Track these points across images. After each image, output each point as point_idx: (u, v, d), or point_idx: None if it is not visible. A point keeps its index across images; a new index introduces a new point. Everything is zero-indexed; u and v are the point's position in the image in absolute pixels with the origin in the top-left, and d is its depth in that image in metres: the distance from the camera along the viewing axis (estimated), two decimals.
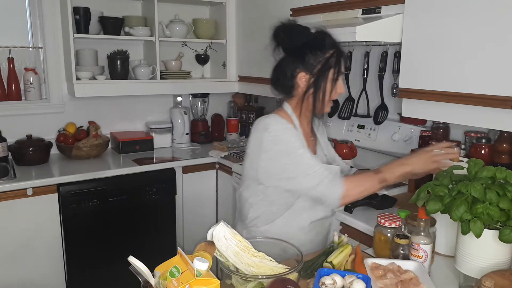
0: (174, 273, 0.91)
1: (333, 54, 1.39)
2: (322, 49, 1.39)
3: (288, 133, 1.38)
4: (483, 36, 1.44)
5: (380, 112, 2.26)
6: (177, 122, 3.08)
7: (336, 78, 1.41)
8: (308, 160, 1.37)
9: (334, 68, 1.40)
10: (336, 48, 1.40)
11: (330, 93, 1.41)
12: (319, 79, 1.39)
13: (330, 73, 1.40)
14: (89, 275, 2.46)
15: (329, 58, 1.39)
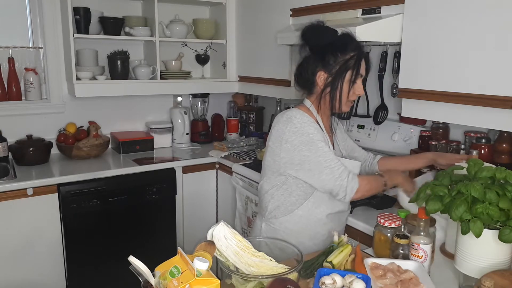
0: (174, 273, 0.91)
1: (353, 56, 1.45)
2: (343, 51, 1.45)
3: (311, 126, 1.45)
4: (483, 36, 1.44)
5: (380, 112, 2.26)
6: (177, 122, 3.08)
7: (354, 80, 1.46)
8: (328, 154, 1.43)
9: (352, 70, 1.45)
10: (357, 51, 1.46)
11: (347, 94, 1.47)
12: (336, 79, 1.46)
13: (348, 74, 1.45)
14: (89, 275, 2.46)
15: (348, 60, 1.45)
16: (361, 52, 1.47)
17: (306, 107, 1.53)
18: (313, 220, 1.52)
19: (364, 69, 1.49)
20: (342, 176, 1.43)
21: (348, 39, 1.47)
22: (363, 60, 1.48)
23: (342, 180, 1.42)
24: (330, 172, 1.42)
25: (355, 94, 1.49)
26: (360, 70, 1.47)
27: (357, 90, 1.49)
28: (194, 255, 1.01)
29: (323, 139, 1.46)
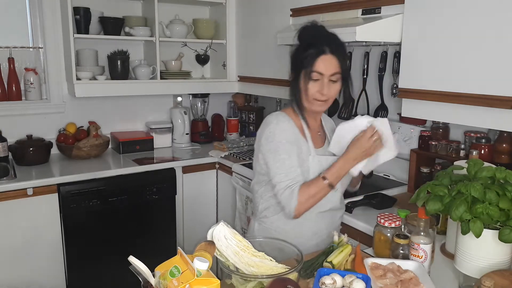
0: (174, 273, 0.91)
1: (310, 53, 1.39)
2: (303, 48, 1.42)
3: (284, 134, 1.44)
4: (483, 36, 1.44)
5: (380, 112, 2.26)
6: (177, 122, 3.08)
7: (308, 78, 1.41)
8: (285, 168, 1.41)
9: (306, 68, 1.40)
10: (315, 48, 1.39)
11: (305, 93, 1.43)
12: (294, 78, 1.45)
13: (303, 72, 1.42)
14: (89, 275, 2.46)
15: (306, 57, 1.40)
16: (319, 49, 1.39)
17: (291, 109, 1.52)
18: (301, 219, 1.46)
19: (325, 68, 1.39)
20: (282, 192, 1.41)
21: (304, 32, 1.43)
22: (322, 56, 1.39)
23: (281, 195, 1.42)
24: (277, 186, 1.42)
25: (309, 95, 1.43)
26: (314, 67, 1.39)
27: (310, 90, 1.42)
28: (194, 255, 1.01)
29: (290, 150, 1.42)
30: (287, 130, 1.45)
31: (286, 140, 1.44)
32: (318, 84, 1.41)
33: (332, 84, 1.42)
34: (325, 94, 1.41)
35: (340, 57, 1.41)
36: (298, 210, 1.41)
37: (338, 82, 1.44)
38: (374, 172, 2.28)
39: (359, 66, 2.38)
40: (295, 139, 1.46)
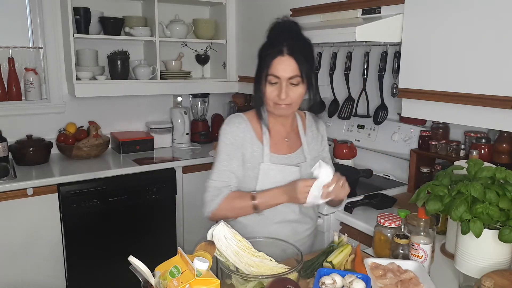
0: (174, 273, 0.91)
1: (268, 53, 1.34)
2: (263, 46, 1.38)
3: (228, 136, 1.42)
4: (483, 36, 1.44)
5: (380, 112, 2.26)
6: (177, 122, 3.08)
7: (266, 81, 1.35)
8: (221, 169, 1.42)
9: (264, 70, 1.35)
10: (270, 46, 1.34)
11: (266, 96, 1.37)
12: (256, 79, 1.39)
13: (263, 75, 1.35)
14: (89, 275, 2.46)
15: (263, 58, 1.36)
16: (276, 50, 1.31)
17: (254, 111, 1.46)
18: (259, 227, 1.42)
19: (282, 71, 1.31)
20: (209, 190, 1.42)
21: (273, 32, 1.37)
22: (279, 58, 1.31)
23: (206, 193, 1.42)
24: (207, 184, 1.43)
25: (269, 99, 1.36)
26: (270, 70, 1.32)
27: (268, 94, 1.35)
28: (194, 255, 1.01)
29: (241, 150, 1.40)
30: (234, 132, 1.41)
31: (231, 142, 1.41)
32: (276, 87, 1.34)
33: (293, 87, 1.34)
34: (283, 99, 1.33)
35: (300, 58, 1.32)
36: (215, 215, 1.40)
37: (301, 85, 1.35)
38: (374, 172, 2.29)
39: (359, 66, 2.38)
40: (242, 143, 1.41)
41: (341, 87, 2.49)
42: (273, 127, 1.47)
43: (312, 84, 1.39)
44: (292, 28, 1.38)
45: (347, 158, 2.41)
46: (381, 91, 2.25)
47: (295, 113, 1.52)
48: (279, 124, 1.47)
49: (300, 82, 1.34)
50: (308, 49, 1.38)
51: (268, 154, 1.43)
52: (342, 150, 2.41)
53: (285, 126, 1.49)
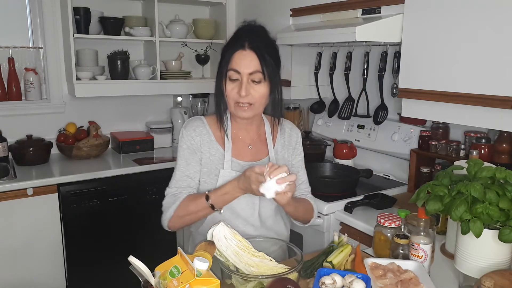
0: (174, 273, 0.91)
1: (227, 48, 1.30)
2: (225, 45, 1.33)
3: (184, 139, 1.37)
4: (483, 36, 1.44)
5: (380, 112, 2.26)
6: (177, 122, 3.08)
7: (225, 77, 1.29)
8: (178, 175, 1.38)
9: (224, 66, 1.29)
10: (231, 43, 1.30)
11: (226, 95, 1.30)
12: (217, 78, 1.33)
13: (223, 70, 1.29)
14: (89, 275, 2.46)
15: (224, 54, 1.30)
16: (238, 44, 1.27)
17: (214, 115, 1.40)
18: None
19: (242, 65, 1.25)
20: (166, 198, 1.40)
21: (237, 31, 1.32)
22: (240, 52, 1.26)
23: (164, 200, 1.41)
24: (166, 191, 1.42)
25: (229, 97, 1.29)
26: (230, 65, 1.26)
27: (228, 92, 1.28)
28: (194, 255, 1.01)
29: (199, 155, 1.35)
30: (190, 135, 1.36)
31: (187, 146, 1.36)
32: (237, 85, 1.28)
33: (255, 85, 1.27)
34: (243, 95, 1.26)
35: (262, 54, 1.26)
36: (172, 222, 1.37)
37: (263, 84, 1.28)
38: (374, 172, 2.29)
39: (359, 66, 2.38)
40: (199, 147, 1.36)
41: (341, 87, 2.49)
42: (236, 132, 1.40)
43: (277, 85, 1.32)
44: (256, 28, 1.34)
45: (347, 158, 2.41)
46: (381, 91, 2.25)
47: (262, 119, 1.45)
48: (242, 129, 1.40)
49: (262, 79, 1.27)
50: (272, 48, 1.32)
51: (230, 160, 1.36)
52: (342, 150, 2.41)
53: (249, 133, 1.41)
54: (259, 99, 1.30)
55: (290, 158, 1.48)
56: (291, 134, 1.48)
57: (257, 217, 1.38)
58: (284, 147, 1.46)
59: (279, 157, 1.43)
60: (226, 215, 1.35)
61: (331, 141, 2.55)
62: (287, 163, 1.45)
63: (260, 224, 1.39)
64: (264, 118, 1.46)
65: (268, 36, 1.34)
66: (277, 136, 1.45)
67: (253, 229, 1.38)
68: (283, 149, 1.45)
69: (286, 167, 1.18)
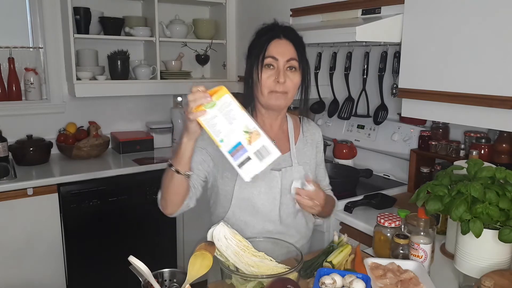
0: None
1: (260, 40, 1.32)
2: (254, 38, 1.34)
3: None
4: (483, 36, 1.44)
5: (379, 112, 2.26)
6: (177, 122, 3.08)
7: (262, 66, 1.29)
8: None
9: (259, 55, 1.29)
10: (264, 35, 1.31)
11: (260, 84, 1.29)
12: (247, 71, 1.34)
13: (256, 61, 1.30)
14: (90, 275, 2.46)
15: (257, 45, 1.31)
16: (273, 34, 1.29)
17: None
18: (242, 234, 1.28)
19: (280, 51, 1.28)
20: None
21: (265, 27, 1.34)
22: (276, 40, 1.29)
23: None
24: None
25: (264, 86, 1.29)
26: (267, 52, 1.27)
27: (264, 80, 1.28)
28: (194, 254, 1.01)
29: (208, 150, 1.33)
30: None
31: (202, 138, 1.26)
32: (273, 72, 1.29)
33: (290, 73, 1.29)
34: (281, 82, 1.27)
35: (297, 44, 1.31)
36: (161, 205, 1.34)
37: (297, 73, 1.31)
38: (374, 172, 2.29)
39: (359, 66, 2.38)
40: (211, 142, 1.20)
41: (341, 87, 2.49)
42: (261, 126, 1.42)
43: (307, 76, 1.35)
44: (287, 24, 1.38)
45: (347, 158, 2.42)
46: (381, 91, 2.25)
47: (286, 116, 1.46)
48: (267, 125, 1.41)
49: (297, 68, 1.30)
50: (303, 44, 1.35)
51: None
52: (342, 150, 2.42)
53: (273, 127, 1.42)
54: (293, 88, 1.31)
55: (314, 156, 1.49)
56: (314, 132, 1.51)
57: (277, 213, 1.37)
58: (306, 145, 1.47)
59: (300, 154, 1.44)
60: (245, 213, 1.36)
61: (331, 141, 2.55)
62: (309, 160, 1.46)
63: (280, 221, 1.38)
64: (288, 116, 1.48)
65: (298, 34, 1.37)
66: (299, 133, 1.47)
67: (272, 225, 1.37)
68: (305, 146, 1.46)
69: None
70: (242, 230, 1.34)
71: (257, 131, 1.07)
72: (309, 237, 1.51)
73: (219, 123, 1.05)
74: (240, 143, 1.06)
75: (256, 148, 1.07)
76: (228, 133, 1.06)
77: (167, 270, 1.12)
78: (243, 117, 1.06)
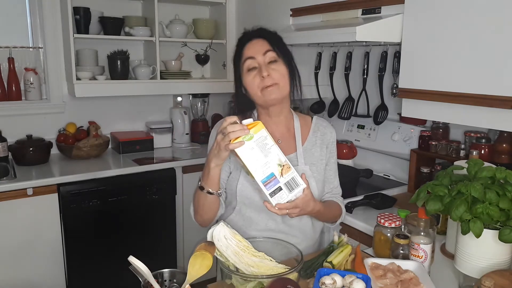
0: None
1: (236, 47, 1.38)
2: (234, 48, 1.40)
3: (211, 140, 1.42)
4: (483, 36, 1.44)
5: (380, 112, 2.26)
6: (177, 122, 3.08)
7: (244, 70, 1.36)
8: None
9: (239, 62, 1.37)
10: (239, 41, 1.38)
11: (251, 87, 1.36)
12: (235, 79, 1.43)
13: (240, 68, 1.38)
14: (89, 275, 2.46)
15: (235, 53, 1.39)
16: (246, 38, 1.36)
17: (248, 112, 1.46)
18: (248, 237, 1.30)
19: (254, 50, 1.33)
20: None
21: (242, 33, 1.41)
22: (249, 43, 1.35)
23: None
24: None
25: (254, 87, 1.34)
26: (244, 56, 1.35)
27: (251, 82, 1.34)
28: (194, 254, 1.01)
29: None
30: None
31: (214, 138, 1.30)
32: (257, 71, 1.33)
33: (272, 65, 1.32)
34: (265, 75, 1.30)
35: (270, 38, 1.35)
36: (197, 221, 1.37)
37: (279, 62, 1.33)
38: (374, 172, 2.29)
39: (359, 66, 2.38)
40: None
41: (341, 87, 2.49)
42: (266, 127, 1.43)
43: (294, 69, 1.37)
44: (257, 27, 1.42)
45: (347, 158, 2.42)
46: (381, 91, 2.25)
47: (292, 114, 1.47)
48: (271, 124, 1.41)
49: (276, 58, 1.33)
50: (279, 39, 1.38)
51: None
52: (342, 150, 2.41)
53: (278, 126, 1.43)
54: (282, 78, 1.33)
55: (324, 157, 1.46)
56: (325, 132, 1.48)
57: None
58: (315, 145, 1.45)
59: (308, 155, 1.43)
60: (249, 210, 1.38)
61: None
62: (316, 161, 1.44)
63: (282, 218, 1.38)
64: (294, 114, 1.48)
65: (274, 32, 1.41)
66: (309, 133, 1.46)
67: (275, 223, 1.38)
68: (314, 147, 1.45)
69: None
70: (247, 226, 1.38)
71: (288, 164, 1.16)
72: (316, 239, 1.50)
73: (255, 155, 1.14)
74: (273, 174, 1.15)
75: (286, 180, 1.16)
76: (263, 164, 1.14)
77: (167, 270, 1.12)
78: (277, 150, 1.16)
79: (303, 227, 1.42)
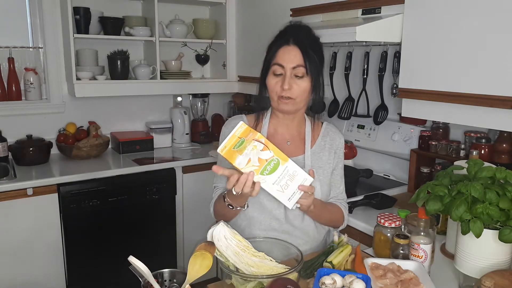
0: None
1: (272, 44, 1.35)
2: (270, 42, 1.37)
3: (224, 131, 1.44)
4: (483, 36, 1.44)
5: (380, 112, 2.26)
6: (177, 122, 3.08)
7: (269, 72, 1.34)
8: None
9: (269, 62, 1.34)
10: (276, 39, 1.35)
11: (269, 89, 1.36)
12: (261, 75, 1.39)
13: (269, 65, 1.35)
14: (89, 275, 2.46)
15: (269, 50, 1.35)
16: (283, 40, 1.32)
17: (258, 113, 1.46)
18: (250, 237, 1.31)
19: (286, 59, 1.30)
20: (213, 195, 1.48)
21: (282, 29, 1.36)
22: (284, 47, 1.31)
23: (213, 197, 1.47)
24: None
25: (272, 91, 1.34)
26: (275, 59, 1.31)
27: (271, 86, 1.33)
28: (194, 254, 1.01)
29: None
30: (229, 128, 1.38)
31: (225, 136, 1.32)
32: (280, 79, 1.32)
33: (297, 79, 1.31)
34: (286, 89, 1.30)
35: (306, 49, 1.30)
36: (215, 215, 1.46)
37: (305, 79, 1.31)
38: (374, 172, 2.29)
39: (359, 66, 2.38)
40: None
41: (341, 87, 2.49)
42: (276, 127, 1.44)
43: (319, 81, 1.35)
44: (301, 25, 1.39)
45: (347, 158, 2.41)
46: (381, 91, 2.25)
47: (304, 118, 1.47)
48: (282, 125, 1.44)
49: (304, 74, 1.30)
50: (316, 45, 1.35)
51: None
52: None
53: (289, 128, 1.44)
54: (301, 94, 1.33)
55: (332, 161, 1.46)
56: (334, 137, 1.49)
57: (282, 212, 1.38)
58: (323, 149, 1.45)
59: (315, 158, 1.43)
60: (253, 209, 1.39)
61: None
62: (324, 164, 1.44)
63: (285, 219, 1.39)
64: (307, 118, 1.48)
65: (312, 34, 1.38)
66: (317, 137, 1.46)
67: (278, 223, 1.39)
68: (323, 151, 1.45)
69: None
70: (251, 225, 1.40)
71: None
72: (320, 241, 1.50)
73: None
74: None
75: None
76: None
77: (167, 270, 1.12)
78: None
79: (306, 229, 1.43)
